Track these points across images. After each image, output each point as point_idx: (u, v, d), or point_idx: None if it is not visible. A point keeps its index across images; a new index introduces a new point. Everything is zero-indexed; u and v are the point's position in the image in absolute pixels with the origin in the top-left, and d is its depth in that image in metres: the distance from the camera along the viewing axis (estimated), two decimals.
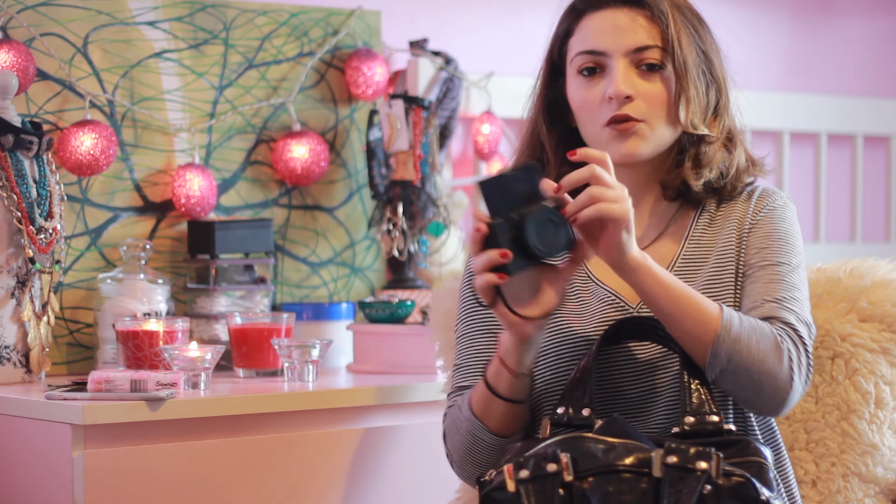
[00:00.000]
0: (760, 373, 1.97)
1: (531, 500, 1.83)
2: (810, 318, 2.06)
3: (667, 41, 2.08)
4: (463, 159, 3.47)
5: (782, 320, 2.02)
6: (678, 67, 2.08)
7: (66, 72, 2.82)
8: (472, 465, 2.10)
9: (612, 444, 1.85)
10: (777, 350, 1.97)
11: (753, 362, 1.96)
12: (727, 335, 1.96)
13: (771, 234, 2.11)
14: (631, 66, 2.09)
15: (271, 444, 2.47)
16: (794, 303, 2.05)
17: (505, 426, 2.06)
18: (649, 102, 2.08)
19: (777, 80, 4.07)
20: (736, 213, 2.14)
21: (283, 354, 2.63)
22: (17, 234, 2.59)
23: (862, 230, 4.18)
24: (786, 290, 2.05)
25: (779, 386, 1.98)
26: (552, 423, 1.98)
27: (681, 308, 1.96)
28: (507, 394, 2.03)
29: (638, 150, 2.09)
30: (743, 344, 1.96)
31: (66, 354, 2.80)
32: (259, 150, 3.06)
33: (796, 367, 1.98)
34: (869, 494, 2.30)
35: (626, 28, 2.10)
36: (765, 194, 2.15)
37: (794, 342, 2.00)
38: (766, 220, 2.12)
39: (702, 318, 1.96)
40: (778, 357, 1.97)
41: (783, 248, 2.09)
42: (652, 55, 2.09)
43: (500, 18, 3.53)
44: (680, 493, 1.81)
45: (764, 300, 2.04)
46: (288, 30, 3.08)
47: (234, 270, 2.92)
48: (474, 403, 2.07)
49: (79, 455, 2.30)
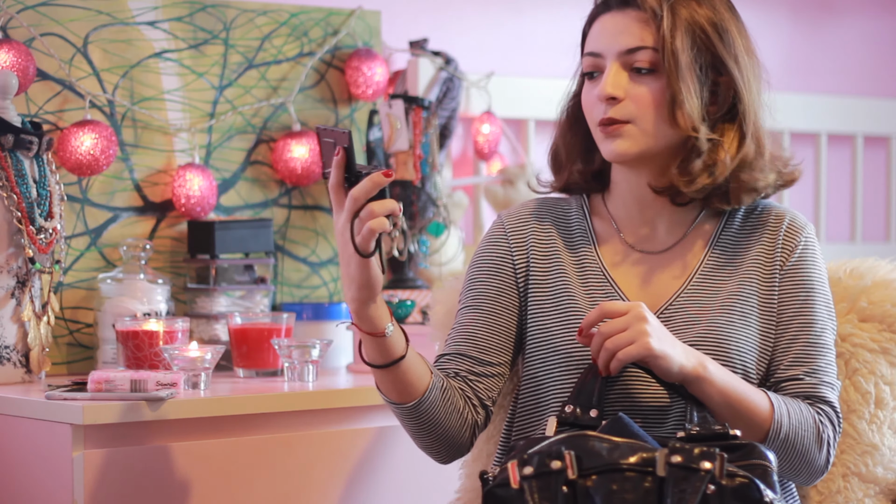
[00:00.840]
0: (802, 463, 2.08)
1: (535, 497, 1.83)
2: (837, 377, 2.15)
3: (659, 43, 2.08)
4: (463, 159, 3.47)
5: (824, 400, 2.10)
6: (668, 69, 2.07)
7: (66, 72, 2.82)
8: (414, 438, 2.12)
9: (616, 442, 1.85)
10: (818, 441, 2.08)
11: (797, 456, 2.07)
12: (776, 436, 2.04)
13: (804, 284, 2.13)
14: (623, 67, 2.09)
15: (271, 444, 2.47)
16: (830, 370, 2.12)
17: (401, 392, 2.06)
18: (637, 103, 2.08)
19: (777, 80, 4.06)
20: (765, 238, 2.14)
21: (283, 354, 2.63)
22: (17, 234, 2.59)
23: (862, 230, 4.18)
24: (822, 356, 2.11)
25: (816, 470, 2.10)
26: (559, 421, 1.98)
27: (734, 412, 2.02)
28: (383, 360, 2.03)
29: (623, 151, 2.08)
30: (790, 442, 2.05)
31: (66, 354, 2.80)
32: (259, 150, 3.05)
33: (832, 451, 2.10)
34: (869, 494, 2.30)
35: (620, 30, 2.10)
36: (793, 228, 2.15)
37: (833, 425, 2.10)
38: (798, 265, 2.14)
39: (754, 420, 2.03)
40: (819, 447, 2.08)
41: (817, 301, 2.13)
42: (642, 57, 2.08)
43: (500, 18, 3.53)
44: (683, 493, 1.81)
45: (804, 374, 2.10)
46: (288, 30, 3.08)
47: (234, 270, 2.92)
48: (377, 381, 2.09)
49: (79, 455, 2.30)
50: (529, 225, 2.18)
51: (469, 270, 2.20)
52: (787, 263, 2.13)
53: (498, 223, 2.21)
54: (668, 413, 2.05)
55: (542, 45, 3.42)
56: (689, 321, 2.07)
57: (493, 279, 2.16)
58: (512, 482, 1.84)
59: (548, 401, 2.10)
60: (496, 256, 2.17)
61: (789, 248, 2.13)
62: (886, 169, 4.22)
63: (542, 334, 2.11)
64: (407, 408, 2.06)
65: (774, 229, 2.14)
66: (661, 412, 2.05)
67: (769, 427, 2.03)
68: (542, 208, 2.20)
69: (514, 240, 2.17)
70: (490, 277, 2.17)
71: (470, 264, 2.21)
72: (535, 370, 2.12)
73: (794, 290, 2.12)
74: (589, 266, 2.14)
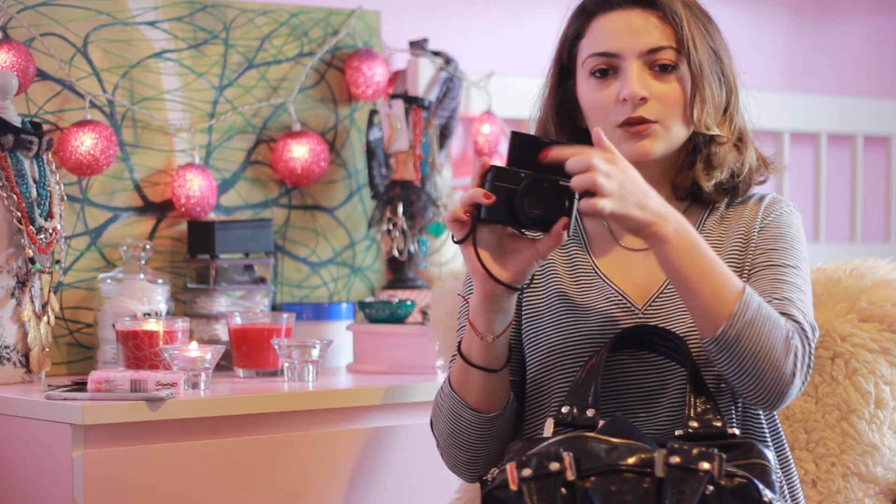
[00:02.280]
0: (766, 361, 1.96)
1: (533, 498, 1.83)
2: (814, 320, 2.06)
3: (681, 42, 2.09)
4: (463, 159, 3.47)
5: (791, 317, 2.01)
6: (693, 68, 2.08)
7: (66, 72, 2.82)
8: (457, 447, 2.10)
9: (614, 443, 1.85)
10: (786, 344, 1.97)
11: (761, 349, 1.96)
12: (742, 315, 1.94)
13: (777, 237, 2.11)
14: (644, 67, 2.09)
15: (271, 444, 2.47)
16: (800, 304, 2.05)
17: (483, 400, 2.05)
18: (664, 103, 2.09)
19: (777, 80, 4.07)
20: (745, 217, 2.14)
21: (283, 354, 2.63)
22: (17, 234, 2.59)
23: (862, 230, 4.18)
24: (791, 291, 2.05)
25: (780, 379, 1.97)
26: (556, 423, 1.98)
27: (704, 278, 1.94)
28: (479, 361, 2.03)
29: (652, 150, 2.09)
30: (755, 328, 1.95)
31: (66, 354, 2.80)
32: (259, 150, 3.05)
33: (800, 364, 1.99)
34: (869, 494, 2.30)
35: (640, 29, 2.10)
36: (773, 202, 2.16)
37: (801, 340, 2.00)
38: (772, 224, 2.12)
39: (721, 292, 1.95)
40: (786, 350, 1.97)
41: (788, 252, 2.10)
42: (666, 56, 2.09)
43: (500, 18, 3.53)
44: (682, 494, 1.81)
45: (771, 297, 2.04)
46: (288, 30, 3.08)
47: (234, 270, 2.92)
48: (453, 377, 2.07)
49: (79, 455, 2.30)
50: None
51: (466, 284, 2.19)
52: (762, 224, 2.13)
53: None
54: (660, 408, 2.05)
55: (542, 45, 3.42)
56: (680, 308, 2.07)
57: None
58: (511, 484, 1.85)
59: (546, 401, 2.10)
60: None
61: (766, 214, 2.14)
62: (886, 169, 4.22)
63: (538, 336, 2.11)
64: (488, 417, 2.06)
65: (754, 207, 2.16)
66: (652, 407, 2.05)
67: (736, 304, 1.94)
68: None
69: None
70: None
71: (466, 277, 2.20)
72: (532, 372, 2.12)
73: (765, 242, 2.11)
74: (580, 265, 2.14)
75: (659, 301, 2.09)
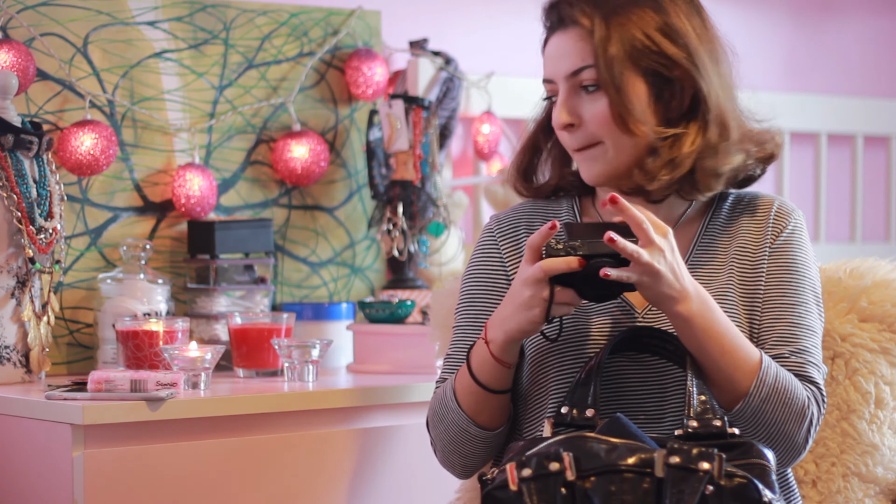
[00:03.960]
0: (780, 434, 2.01)
1: (533, 499, 1.83)
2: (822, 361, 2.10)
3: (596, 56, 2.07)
4: (463, 159, 3.47)
5: (810, 380, 2.05)
6: (604, 82, 2.05)
7: (66, 72, 2.82)
8: (458, 455, 2.12)
9: (614, 443, 1.85)
10: (802, 414, 2.01)
11: (776, 423, 2.00)
12: (759, 393, 1.99)
13: (790, 265, 2.11)
14: (574, 89, 2.08)
15: (271, 444, 2.47)
16: (815, 352, 2.07)
17: (494, 418, 2.08)
18: (598, 121, 2.07)
19: (777, 80, 4.07)
20: (752, 228, 2.13)
21: (283, 354, 2.63)
22: (17, 234, 2.59)
23: (862, 230, 4.18)
24: (807, 338, 2.07)
25: (793, 448, 2.03)
26: (555, 423, 1.98)
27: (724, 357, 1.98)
28: (498, 386, 2.05)
29: (598, 173, 2.10)
30: (771, 404, 1.99)
31: (66, 354, 2.80)
32: (259, 150, 3.06)
33: (812, 431, 2.04)
34: (869, 494, 2.30)
35: (564, 52, 2.09)
36: (781, 213, 2.14)
37: (817, 406, 2.04)
38: (785, 247, 2.12)
39: (741, 364, 1.98)
40: (800, 423, 2.01)
41: (802, 283, 2.10)
42: (587, 76, 2.07)
43: (500, 18, 3.53)
44: (682, 494, 1.81)
45: (790, 352, 2.06)
46: (288, 30, 3.08)
47: (234, 270, 2.92)
48: (461, 397, 2.08)
49: (79, 455, 2.30)
50: (520, 229, 2.18)
51: (464, 282, 2.19)
52: (775, 244, 2.12)
53: (488, 230, 2.20)
54: (662, 411, 2.05)
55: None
56: None
57: (489, 294, 2.16)
58: (510, 484, 1.85)
59: (543, 402, 2.10)
60: (489, 268, 2.17)
61: (777, 230, 2.12)
62: (886, 169, 4.22)
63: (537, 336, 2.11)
64: (496, 433, 2.09)
65: (763, 215, 2.14)
66: (655, 410, 2.05)
67: (754, 378, 1.98)
68: (533, 211, 2.20)
69: (505, 246, 2.17)
70: (486, 294, 2.16)
71: (464, 276, 2.21)
72: (530, 372, 2.12)
73: (780, 271, 2.10)
74: None
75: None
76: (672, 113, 2.08)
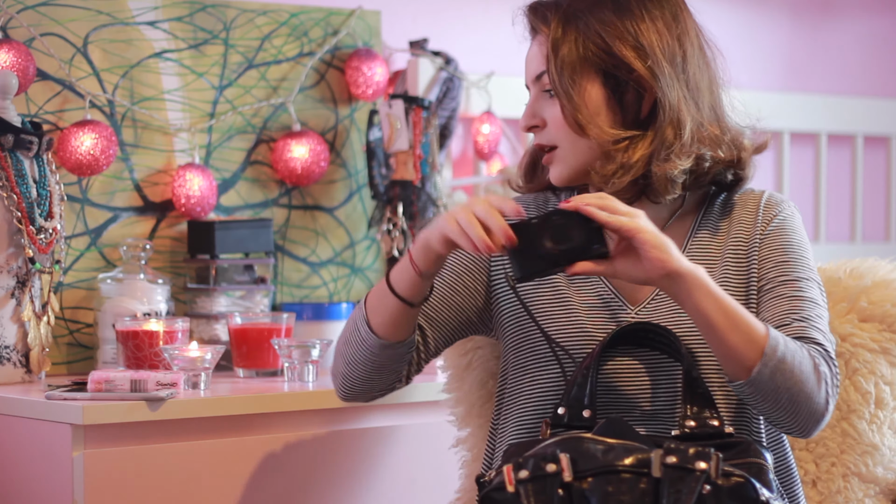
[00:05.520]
0: (801, 394, 1.96)
1: (531, 500, 1.83)
2: (831, 333, 2.06)
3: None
4: (463, 159, 3.47)
5: (814, 341, 2.01)
6: (554, 87, 2.07)
7: (66, 72, 2.82)
8: (342, 357, 2.13)
9: (611, 444, 1.85)
10: (816, 373, 1.97)
11: (795, 383, 1.95)
12: (773, 354, 1.94)
13: (785, 247, 2.10)
14: (539, 93, 2.12)
15: (271, 444, 2.47)
16: (820, 321, 2.04)
17: (385, 325, 2.08)
18: (554, 125, 2.09)
19: (777, 80, 4.07)
20: (744, 221, 2.12)
21: (283, 354, 2.63)
22: (17, 234, 2.59)
23: (862, 230, 4.18)
24: (810, 308, 2.05)
25: (816, 409, 1.98)
26: (552, 424, 1.98)
27: (731, 323, 1.93)
28: (402, 291, 2.06)
29: (557, 176, 2.11)
30: (787, 364, 1.94)
31: (66, 354, 2.81)
32: (259, 150, 3.06)
33: (831, 390, 1.99)
34: (869, 494, 2.30)
35: (530, 57, 2.13)
36: (771, 203, 2.13)
37: (827, 364, 1.99)
38: (777, 232, 2.11)
39: (749, 335, 1.94)
40: (817, 379, 1.97)
41: (800, 262, 2.09)
42: (546, 80, 2.10)
43: (500, 18, 3.53)
44: (679, 494, 1.81)
45: (792, 319, 2.03)
46: (288, 30, 3.08)
47: (234, 270, 2.92)
48: (370, 295, 2.11)
49: (79, 455, 2.30)
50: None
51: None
52: (765, 232, 2.11)
53: None
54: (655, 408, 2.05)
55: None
56: (673, 310, 2.07)
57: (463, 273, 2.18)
58: (508, 485, 1.85)
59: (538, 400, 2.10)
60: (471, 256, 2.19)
61: (767, 219, 2.12)
62: (886, 169, 4.22)
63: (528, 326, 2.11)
64: (387, 344, 2.08)
65: (753, 207, 2.14)
66: (649, 407, 2.05)
67: (765, 344, 1.93)
68: (528, 208, 2.20)
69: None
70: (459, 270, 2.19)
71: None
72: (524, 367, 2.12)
73: (775, 254, 2.09)
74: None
75: (653, 304, 2.09)
76: (630, 116, 2.07)
